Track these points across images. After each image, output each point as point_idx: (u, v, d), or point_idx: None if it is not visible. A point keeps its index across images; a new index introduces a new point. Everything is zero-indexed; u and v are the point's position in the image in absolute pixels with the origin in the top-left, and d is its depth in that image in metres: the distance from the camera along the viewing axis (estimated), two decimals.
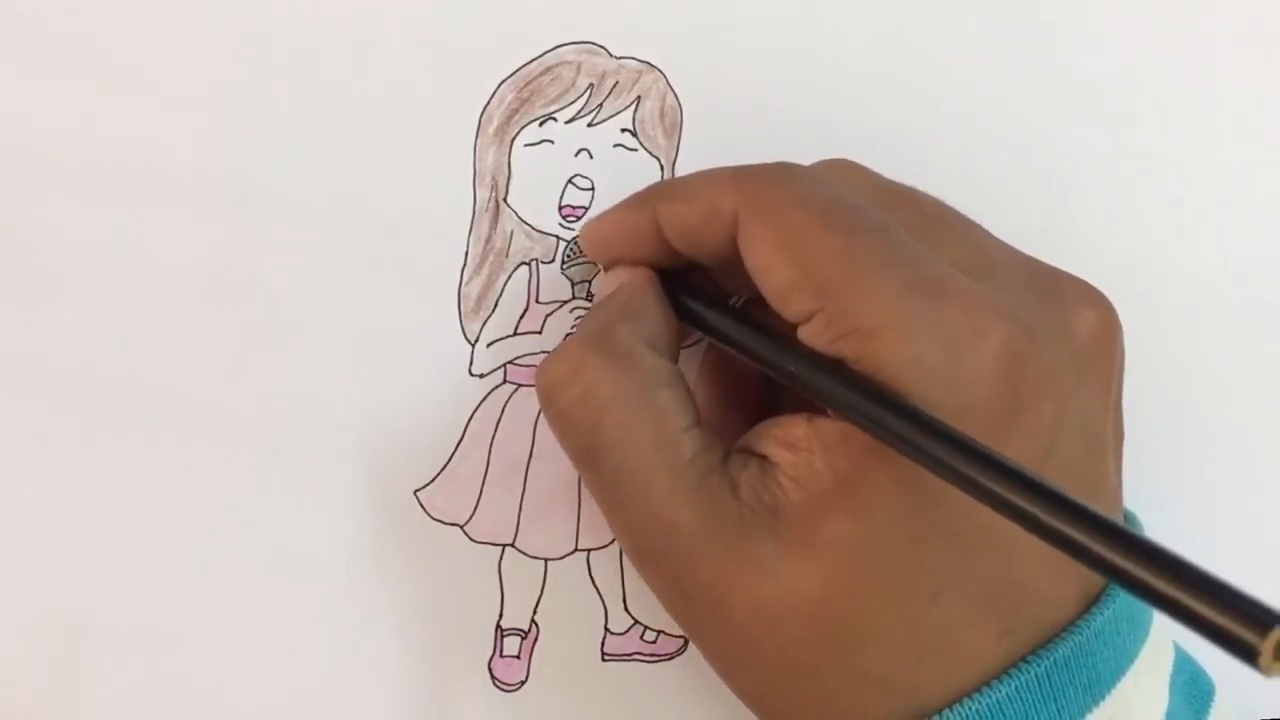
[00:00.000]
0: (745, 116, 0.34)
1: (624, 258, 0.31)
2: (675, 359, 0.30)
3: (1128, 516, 0.31)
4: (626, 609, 0.34)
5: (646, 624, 0.34)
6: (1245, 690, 0.32)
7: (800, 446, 0.27)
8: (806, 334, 0.27)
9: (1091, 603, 0.28)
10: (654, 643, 0.34)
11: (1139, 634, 0.29)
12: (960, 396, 0.25)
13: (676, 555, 0.28)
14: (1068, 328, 0.28)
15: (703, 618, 0.28)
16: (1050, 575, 0.27)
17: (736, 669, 0.29)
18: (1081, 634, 0.27)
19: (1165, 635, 0.30)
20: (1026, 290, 0.28)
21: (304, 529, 0.32)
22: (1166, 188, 0.36)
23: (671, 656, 0.34)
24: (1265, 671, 0.18)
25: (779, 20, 0.34)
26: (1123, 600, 0.28)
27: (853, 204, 0.28)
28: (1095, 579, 0.28)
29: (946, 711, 0.26)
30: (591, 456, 0.28)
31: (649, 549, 0.28)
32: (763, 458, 0.28)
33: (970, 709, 0.26)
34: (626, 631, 0.34)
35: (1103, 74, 0.36)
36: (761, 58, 0.34)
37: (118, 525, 0.32)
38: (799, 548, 0.26)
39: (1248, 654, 0.18)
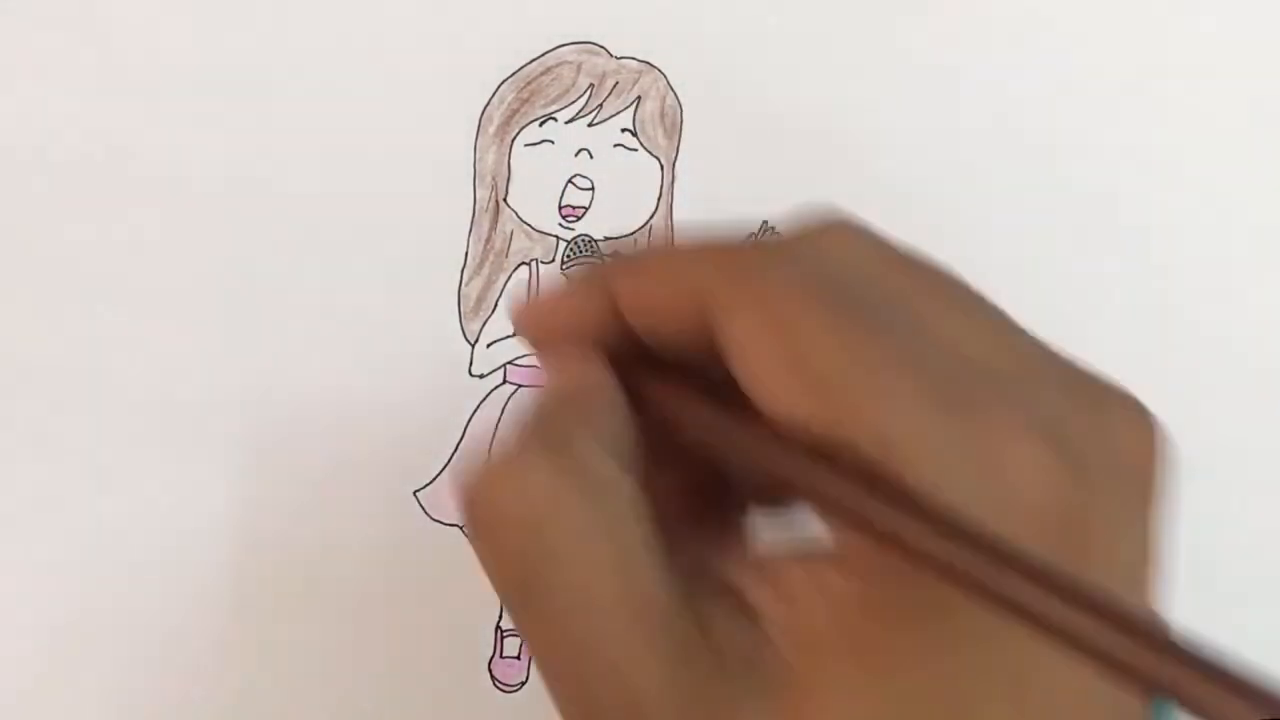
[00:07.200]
0: (745, 116, 0.34)
1: (569, 340, 0.25)
2: (637, 470, 0.24)
3: None
4: None
5: None
6: None
7: (799, 599, 0.22)
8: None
9: None
10: None
11: None
12: (996, 526, 0.21)
13: (636, 713, 0.22)
14: (1112, 445, 0.24)
15: None
16: (1092, 714, 0.24)
17: None
18: None
19: None
20: (1065, 399, 0.24)
21: (304, 529, 0.32)
22: (1167, 188, 0.36)
23: None
24: None
25: (779, 20, 0.34)
26: None
27: (859, 289, 0.23)
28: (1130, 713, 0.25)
29: None
30: (531, 594, 0.23)
31: (602, 706, 0.23)
32: (738, 596, 0.23)
33: None
34: None
35: (1103, 74, 0.36)
36: (761, 58, 0.34)
37: (117, 525, 0.32)
38: (798, 717, 0.22)
39: None
